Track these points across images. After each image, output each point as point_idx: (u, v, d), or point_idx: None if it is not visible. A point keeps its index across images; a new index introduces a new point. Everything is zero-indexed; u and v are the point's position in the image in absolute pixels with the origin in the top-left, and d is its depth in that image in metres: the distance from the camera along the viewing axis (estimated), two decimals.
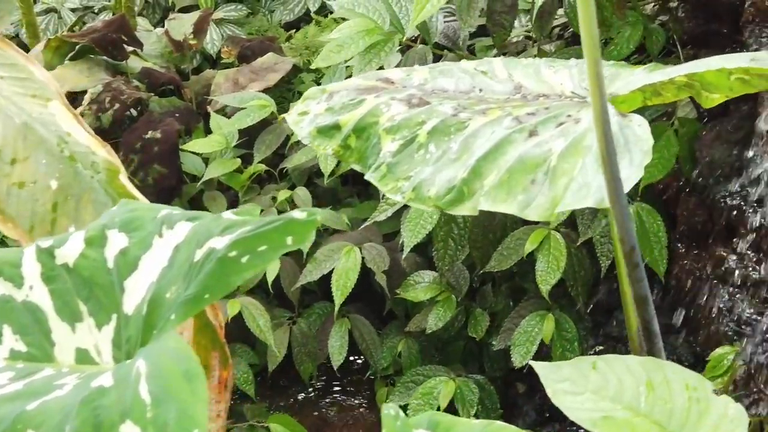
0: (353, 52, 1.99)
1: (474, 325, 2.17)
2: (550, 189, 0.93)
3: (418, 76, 1.19)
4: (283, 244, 0.76)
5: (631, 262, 0.80)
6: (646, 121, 0.96)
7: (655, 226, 1.95)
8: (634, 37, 1.93)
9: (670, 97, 1.15)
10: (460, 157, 1.01)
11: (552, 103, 1.05)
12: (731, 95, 1.11)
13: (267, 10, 3.53)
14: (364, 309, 2.39)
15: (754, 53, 1.02)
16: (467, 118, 1.05)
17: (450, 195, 1.00)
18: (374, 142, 1.10)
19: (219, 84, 2.77)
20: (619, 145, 0.93)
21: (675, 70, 1.05)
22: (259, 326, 2.21)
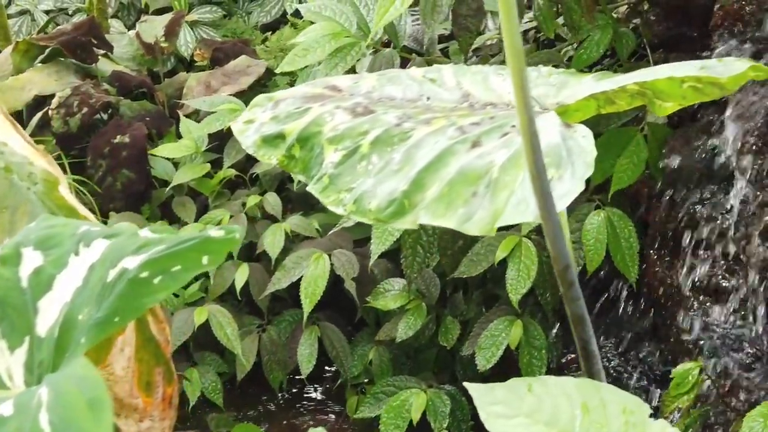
0: (319, 56, 1.96)
1: (444, 333, 2.14)
2: (491, 202, 0.90)
3: (366, 83, 1.15)
4: (198, 264, 0.73)
5: (566, 281, 0.77)
6: (591, 132, 0.93)
7: (627, 232, 1.92)
8: (604, 41, 1.90)
9: (624, 106, 1.11)
10: (402, 169, 0.98)
11: (498, 112, 1.02)
12: (685, 103, 1.07)
13: (244, 12, 3.50)
14: (335, 316, 2.36)
15: (705, 61, 0.99)
16: (411, 127, 1.02)
17: (391, 208, 0.97)
18: (317, 152, 1.07)
19: (191, 87, 2.74)
20: (562, 157, 0.90)
21: (624, 78, 1.01)
22: (226, 335, 2.17)
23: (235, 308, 2.39)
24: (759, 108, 1.57)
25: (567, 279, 0.76)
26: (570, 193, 0.87)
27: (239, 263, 2.29)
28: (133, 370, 1.16)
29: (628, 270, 1.91)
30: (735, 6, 1.70)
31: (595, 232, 1.91)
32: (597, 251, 1.91)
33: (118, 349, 1.14)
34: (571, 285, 0.77)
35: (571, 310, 0.79)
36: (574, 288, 0.77)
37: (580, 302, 0.78)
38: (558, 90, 1.05)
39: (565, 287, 0.77)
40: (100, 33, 2.69)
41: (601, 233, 1.90)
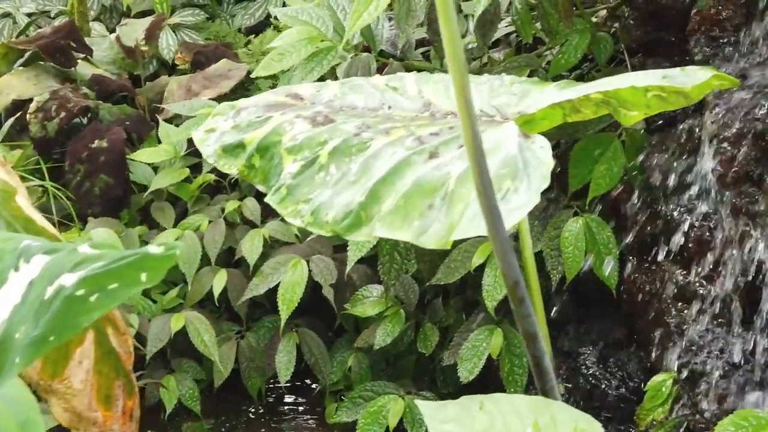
0: (295, 61, 1.94)
1: (423, 340, 2.12)
2: (447, 215, 0.88)
3: (328, 92, 1.14)
4: (137, 281, 0.71)
5: (516, 297, 0.75)
6: (549, 143, 0.91)
7: (605, 238, 1.90)
8: (582, 46, 1.89)
9: (590, 114, 1.10)
10: (359, 180, 0.96)
11: (458, 122, 1.00)
12: (650, 112, 1.06)
13: (228, 15, 3.48)
14: (314, 322, 2.34)
15: (667, 70, 0.97)
16: (369, 137, 1.00)
17: (347, 220, 0.95)
18: (276, 162, 1.05)
19: (172, 91, 2.72)
20: (518, 169, 0.88)
21: (586, 87, 1.00)
22: (203, 341, 2.15)
23: (214, 314, 2.37)
24: (734, 113, 1.55)
25: (517, 295, 0.75)
26: (525, 205, 0.86)
27: (217, 269, 2.27)
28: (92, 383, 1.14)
29: (607, 277, 1.89)
30: (712, 11, 1.68)
31: (573, 239, 1.89)
32: (575, 259, 1.89)
33: (77, 362, 1.12)
34: (521, 301, 0.75)
35: (523, 327, 0.77)
36: (525, 304, 0.75)
37: (531, 319, 0.76)
38: (519, 99, 1.03)
39: (515, 304, 0.76)
40: (79, 36, 2.67)
41: (580, 240, 1.89)
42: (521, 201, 0.85)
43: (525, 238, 1.01)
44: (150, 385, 2.21)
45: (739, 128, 1.54)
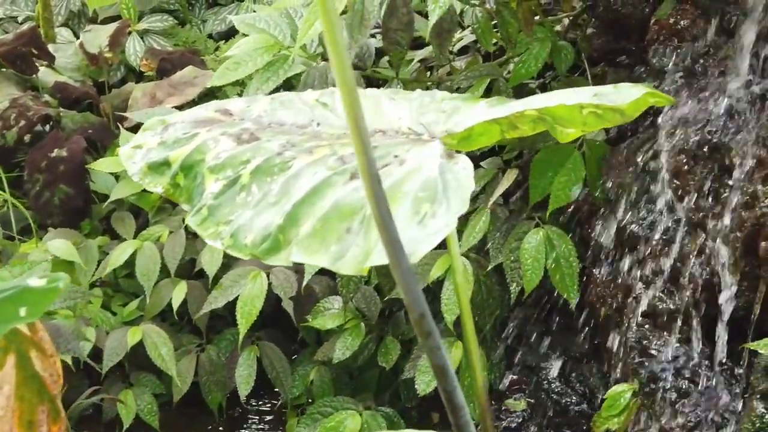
0: (251, 70, 1.90)
1: (384, 354, 2.08)
2: (364, 240, 0.84)
3: (258, 107, 1.10)
4: (15, 316, 0.67)
5: (423, 330, 0.71)
6: (471, 164, 0.87)
7: (566, 251, 1.87)
8: (542, 54, 1.85)
9: (528, 131, 1.06)
10: (279, 201, 0.92)
11: (384, 140, 0.97)
12: (587, 129, 1.02)
13: (200, 20, 3.43)
14: (277, 335, 2.30)
15: (599, 87, 0.94)
16: (292, 156, 0.96)
17: (266, 243, 0.91)
18: (199, 181, 1.01)
19: (136, 99, 2.67)
20: (438, 192, 0.85)
21: (517, 104, 0.96)
22: (161, 355, 2.11)
23: (175, 327, 2.33)
24: (690, 126, 1.52)
25: (423, 329, 0.71)
26: (442, 230, 0.82)
27: (177, 281, 2.23)
28: (13, 409, 1.10)
29: (568, 290, 1.86)
30: (670, 20, 1.65)
31: (533, 251, 1.86)
32: (535, 271, 1.85)
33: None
34: (428, 335, 0.71)
35: (432, 361, 0.73)
36: (432, 337, 0.72)
37: (440, 352, 0.72)
38: (448, 117, 0.99)
39: (422, 337, 0.72)
40: (41, 43, 2.62)
41: (540, 252, 1.85)
42: (439, 226, 0.81)
43: (455, 263, 0.98)
44: (107, 399, 2.16)
45: (694, 140, 1.51)
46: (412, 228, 0.82)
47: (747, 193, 1.43)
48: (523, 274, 1.87)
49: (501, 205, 2.06)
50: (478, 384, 0.98)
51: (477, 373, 0.99)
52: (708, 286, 1.58)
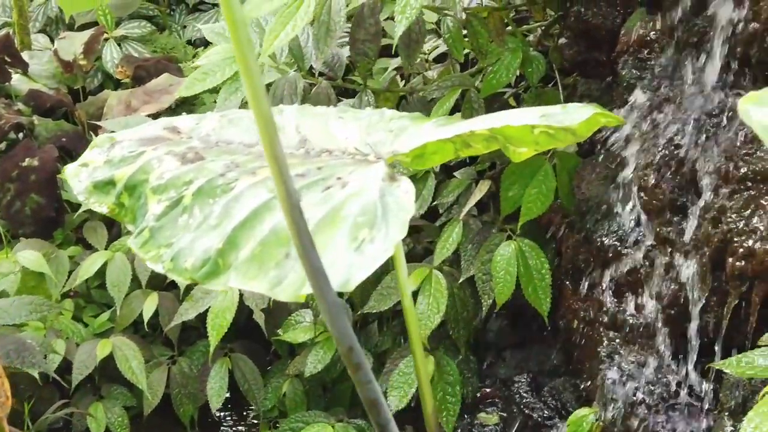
0: (219, 80, 1.87)
1: None
2: (302, 265, 0.82)
3: (207, 125, 1.07)
4: None
5: (352, 363, 0.69)
6: (413, 187, 0.85)
7: (539, 264, 1.85)
8: (513, 65, 1.83)
9: (481, 149, 1.04)
10: (219, 224, 0.90)
11: (330, 161, 0.94)
12: (539, 149, 1.00)
13: (179, 26, 3.41)
14: (251, 347, 2.27)
15: (547, 108, 0.92)
16: (235, 178, 0.94)
17: (206, 267, 0.88)
18: (143, 202, 0.99)
19: (111, 106, 2.65)
20: (377, 216, 0.82)
21: (464, 125, 0.94)
22: (131, 368, 2.08)
23: (148, 338, 2.30)
24: (657, 140, 1.50)
25: (353, 361, 0.69)
26: (380, 257, 0.79)
27: (148, 292, 2.20)
28: None
29: (540, 303, 1.84)
30: (640, 32, 1.63)
31: (505, 264, 1.83)
32: (507, 283, 1.83)
33: None
34: (358, 368, 0.69)
35: (363, 395, 0.71)
36: (363, 371, 0.69)
37: (371, 385, 0.70)
38: (395, 136, 0.97)
39: (352, 370, 0.70)
40: (14, 50, 2.59)
41: (511, 265, 1.83)
42: (376, 252, 0.79)
43: (403, 286, 0.95)
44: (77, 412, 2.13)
45: (660, 154, 1.49)
46: (349, 255, 0.80)
47: (714, 208, 1.41)
48: (495, 287, 1.85)
49: (475, 216, 2.04)
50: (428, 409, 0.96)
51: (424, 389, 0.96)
52: (677, 300, 1.56)
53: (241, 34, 0.57)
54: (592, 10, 1.72)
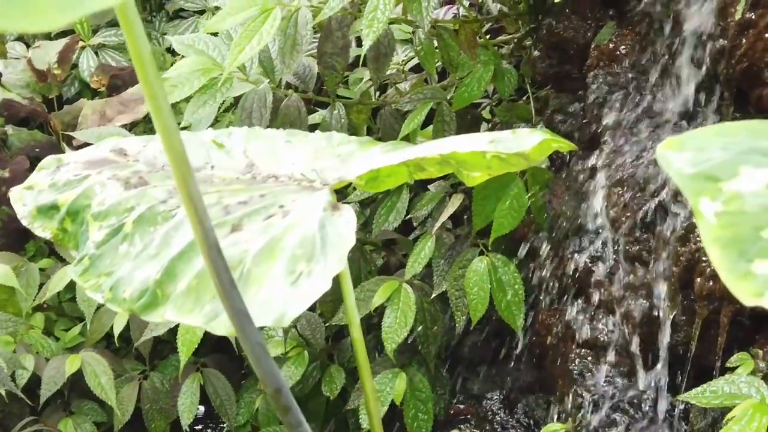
0: (188, 92, 1.84)
1: (329, 382, 2.03)
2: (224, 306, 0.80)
3: (155, 146, 1.05)
4: None
5: (281, 405, 0.66)
6: (354, 216, 0.82)
7: (511, 279, 1.82)
8: (485, 78, 1.81)
9: (435, 173, 1.02)
10: (159, 254, 0.87)
11: (276, 188, 0.92)
12: (492, 173, 0.98)
13: (160, 34, 3.38)
14: (224, 361, 2.24)
15: (496, 133, 0.89)
16: (176, 205, 0.91)
17: (144, 298, 0.86)
18: (84, 228, 0.96)
19: (86, 116, 2.62)
20: (316, 247, 0.80)
21: (409, 151, 0.91)
22: (100, 384, 2.05)
23: (120, 352, 2.27)
24: (626, 157, 1.48)
25: (281, 403, 0.66)
26: (316, 291, 0.77)
27: None
28: None
29: (513, 319, 1.81)
30: (610, 46, 1.61)
31: (478, 280, 1.81)
32: (480, 299, 1.81)
33: None
34: (287, 410, 0.66)
35: None
36: (292, 413, 0.67)
37: (302, 428, 0.67)
38: (342, 162, 0.94)
39: (280, 412, 0.67)
40: None
41: (485, 281, 1.81)
42: (313, 286, 0.77)
43: (351, 315, 0.93)
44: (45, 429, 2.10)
45: (629, 172, 1.46)
46: (285, 289, 0.77)
47: (682, 226, 1.39)
48: (469, 303, 1.82)
49: (449, 230, 2.02)
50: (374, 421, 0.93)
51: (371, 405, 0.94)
52: (648, 319, 1.54)
53: (149, 72, 0.54)
54: (564, 23, 1.69)
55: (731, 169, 0.49)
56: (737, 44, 1.32)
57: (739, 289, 0.45)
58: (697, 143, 0.50)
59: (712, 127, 0.51)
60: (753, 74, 1.31)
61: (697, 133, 0.51)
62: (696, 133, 0.51)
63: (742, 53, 1.31)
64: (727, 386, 1.28)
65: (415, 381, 1.90)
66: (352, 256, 2.00)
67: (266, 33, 1.60)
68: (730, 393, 1.27)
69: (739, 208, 0.48)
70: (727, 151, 0.50)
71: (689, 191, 0.48)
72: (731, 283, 0.46)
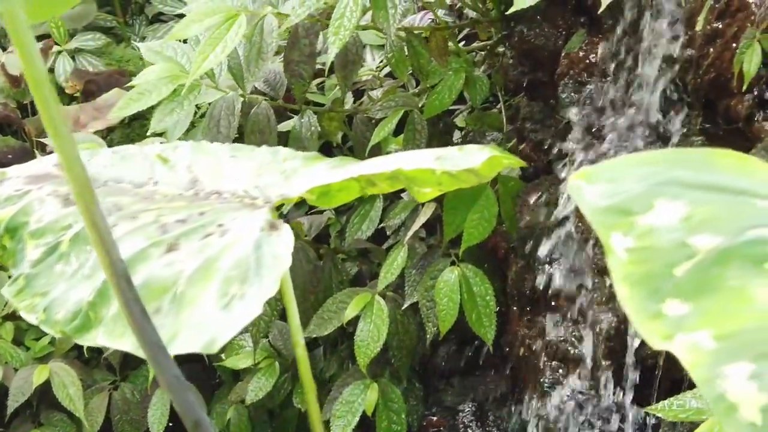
0: (155, 100, 1.81)
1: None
2: (174, 322, 0.77)
3: (99, 161, 1.02)
4: None
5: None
6: (293, 237, 0.80)
7: (483, 290, 1.80)
8: (456, 86, 1.78)
9: (386, 188, 0.99)
10: (93, 274, 0.85)
11: (217, 205, 0.89)
12: (444, 189, 0.95)
13: (139, 38, 3.35)
14: (197, 371, 2.21)
15: (442, 150, 0.87)
16: (114, 223, 0.88)
17: (77, 321, 0.83)
18: (21, 246, 0.93)
19: None
20: (250, 269, 0.77)
21: (356, 168, 0.89)
22: (69, 395, 2.02)
23: (91, 363, 2.24)
24: None
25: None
26: (248, 315, 0.74)
27: None
28: None
29: (484, 330, 1.79)
30: (580, 54, 1.58)
31: (448, 290, 1.78)
32: (450, 310, 1.78)
33: None
34: None
35: None
36: None
37: None
38: (285, 179, 0.92)
39: None
40: None
41: (455, 291, 1.78)
42: (245, 310, 0.74)
43: (295, 334, 0.90)
44: None
45: None
46: (216, 313, 0.75)
47: None
48: (438, 314, 1.80)
49: (423, 239, 2.00)
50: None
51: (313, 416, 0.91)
52: (617, 331, 1.51)
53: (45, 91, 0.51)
54: (535, 30, 1.67)
55: (646, 201, 0.46)
56: (705, 54, 1.29)
57: (648, 331, 0.43)
58: (613, 174, 0.48)
59: (631, 157, 0.49)
60: (720, 84, 1.29)
61: (613, 163, 0.48)
62: (612, 163, 0.48)
63: (710, 63, 1.28)
64: (695, 401, 1.25)
65: (387, 392, 1.88)
66: (323, 267, 1.97)
67: (231, 40, 1.57)
68: (697, 408, 1.24)
69: (651, 243, 0.46)
70: (643, 182, 0.47)
71: (600, 226, 0.45)
72: (640, 324, 0.43)
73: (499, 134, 1.81)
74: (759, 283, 0.43)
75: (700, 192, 0.46)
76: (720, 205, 0.46)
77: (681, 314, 0.42)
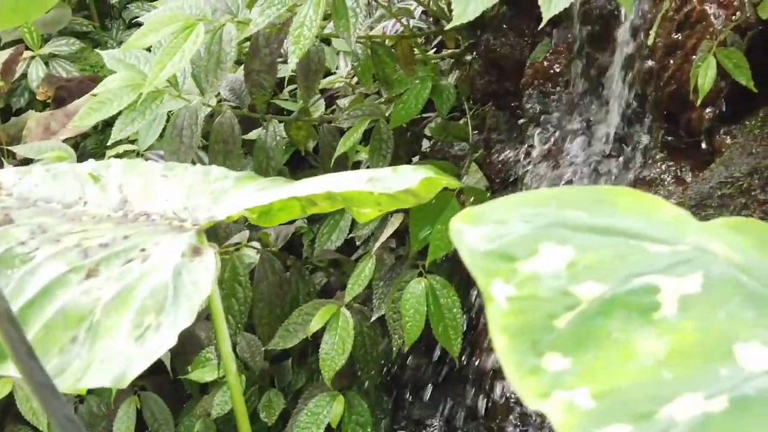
0: (116, 109, 1.78)
1: (267, 407, 1.97)
2: (89, 352, 0.74)
3: (30, 180, 0.99)
4: None
5: None
6: (214, 262, 0.77)
7: (450, 302, 1.77)
8: (423, 95, 1.75)
9: (327, 207, 0.96)
10: (12, 300, 0.82)
11: (145, 227, 0.86)
12: (383, 209, 0.92)
13: (116, 43, 3.31)
14: (165, 384, 2.18)
15: (376, 171, 0.84)
16: (36, 246, 0.85)
17: None
18: None
19: (30, 129, 2.55)
20: (167, 298, 0.74)
21: (283, 190, 0.86)
22: (32, 409, 1.99)
23: None
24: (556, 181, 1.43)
25: None
26: (162, 347, 0.71)
27: None
28: None
29: (450, 343, 1.76)
30: (545, 64, 1.56)
31: (414, 302, 1.75)
32: (416, 322, 1.75)
33: None
34: None
35: None
36: None
37: None
38: (215, 200, 0.89)
39: None
40: None
41: (421, 303, 1.75)
42: (159, 342, 0.71)
43: (227, 362, 0.87)
44: None
45: None
46: (129, 345, 0.71)
47: None
48: (404, 326, 1.77)
49: (393, 249, 1.97)
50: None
51: None
52: None
53: None
54: (501, 39, 1.64)
55: (531, 245, 0.43)
56: (665, 66, 1.27)
57: (524, 388, 0.40)
58: (498, 215, 0.45)
59: (518, 196, 0.46)
60: (681, 97, 1.26)
61: (499, 203, 0.45)
62: (499, 203, 0.45)
63: (670, 75, 1.26)
64: None
65: (354, 404, 1.85)
66: (290, 278, 1.94)
67: (188, 50, 1.54)
68: None
69: (533, 292, 0.43)
70: (529, 224, 0.44)
71: (480, 272, 0.42)
72: (516, 380, 0.40)
73: (465, 144, 1.78)
74: (643, 335, 0.41)
75: (589, 235, 0.43)
76: (608, 250, 0.43)
77: (560, 369, 0.39)
